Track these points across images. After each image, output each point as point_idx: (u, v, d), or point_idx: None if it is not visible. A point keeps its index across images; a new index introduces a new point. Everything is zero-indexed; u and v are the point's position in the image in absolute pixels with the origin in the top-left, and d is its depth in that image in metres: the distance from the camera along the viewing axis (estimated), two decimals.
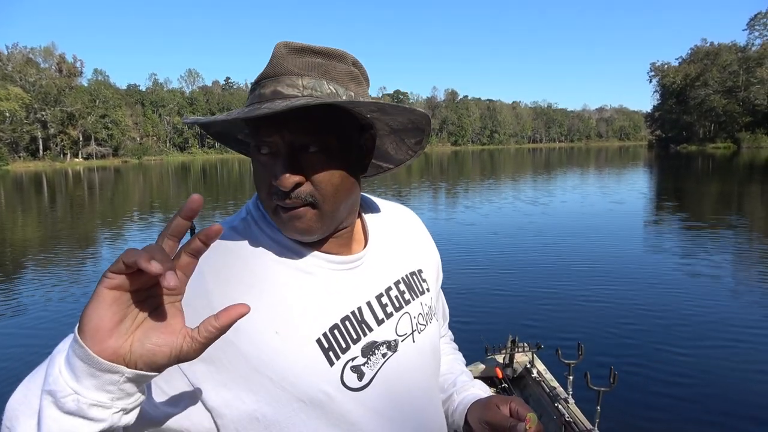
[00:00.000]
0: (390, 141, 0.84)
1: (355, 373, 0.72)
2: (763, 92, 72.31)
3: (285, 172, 0.66)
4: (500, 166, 44.09)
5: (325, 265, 0.75)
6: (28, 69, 67.66)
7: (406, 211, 0.98)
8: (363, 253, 0.80)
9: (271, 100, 0.66)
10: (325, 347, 0.70)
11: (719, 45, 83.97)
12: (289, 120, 0.66)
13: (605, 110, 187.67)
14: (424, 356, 0.84)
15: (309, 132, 0.67)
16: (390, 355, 0.77)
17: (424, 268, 0.91)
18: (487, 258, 8.27)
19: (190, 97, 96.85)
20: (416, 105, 71.06)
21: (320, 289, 0.73)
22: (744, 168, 32.59)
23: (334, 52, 0.71)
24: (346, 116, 0.71)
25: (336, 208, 0.71)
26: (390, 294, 0.81)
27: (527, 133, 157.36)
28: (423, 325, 0.85)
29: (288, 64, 0.68)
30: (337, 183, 0.70)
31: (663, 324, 5.15)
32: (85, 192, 27.53)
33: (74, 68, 76.86)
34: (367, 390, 0.73)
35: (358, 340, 0.74)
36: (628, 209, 13.84)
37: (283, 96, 0.66)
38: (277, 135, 0.67)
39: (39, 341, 5.38)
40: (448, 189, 21.93)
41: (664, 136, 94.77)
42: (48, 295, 6.99)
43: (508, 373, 3.01)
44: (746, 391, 3.83)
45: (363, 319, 0.76)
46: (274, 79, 0.67)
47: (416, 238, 0.94)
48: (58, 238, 12.39)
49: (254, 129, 0.69)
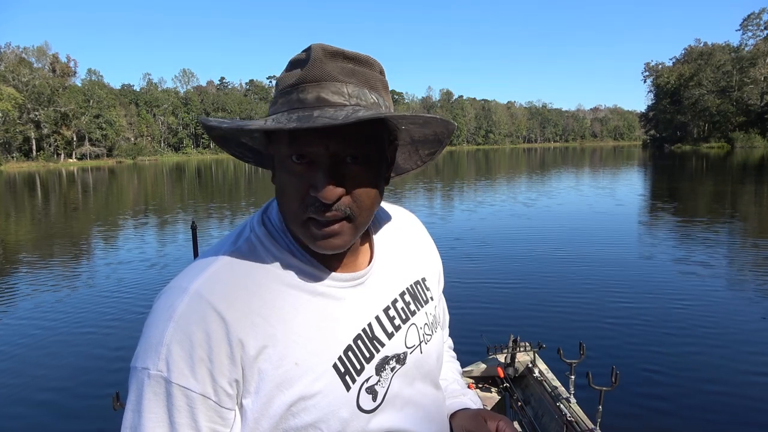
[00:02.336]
0: (403, 151, 0.81)
1: (370, 395, 0.72)
2: (756, 92, 72.76)
3: (329, 183, 0.63)
4: (496, 166, 44.18)
5: (335, 284, 0.73)
6: (21, 69, 67.10)
7: (408, 215, 0.96)
8: (370, 267, 0.78)
9: (318, 107, 0.63)
10: (342, 372, 0.69)
11: (713, 45, 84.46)
12: (337, 130, 0.63)
13: (600, 110, 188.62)
14: (431, 366, 0.83)
15: (354, 143, 0.64)
16: (398, 368, 0.76)
17: (427, 276, 0.89)
18: (487, 258, 8.26)
19: (184, 97, 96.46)
20: (412, 105, 71.39)
21: (332, 311, 0.71)
22: (738, 167, 32.78)
23: (364, 59, 0.68)
24: (382, 127, 0.69)
25: (368, 220, 0.70)
26: (396, 306, 0.79)
27: (522, 133, 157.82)
28: (429, 335, 0.84)
29: (329, 69, 0.64)
30: (374, 195, 0.69)
31: (664, 324, 5.15)
32: (79, 193, 27.37)
33: (68, 68, 76.48)
34: (379, 410, 0.72)
35: (371, 358, 0.73)
36: (626, 209, 13.89)
37: (330, 104, 0.63)
38: (321, 145, 0.63)
39: (32, 341, 5.32)
40: (446, 190, 21.94)
41: (659, 135, 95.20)
42: (42, 297, 6.93)
43: (509, 373, 2.99)
44: (748, 391, 3.83)
45: (374, 336, 0.74)
46: (316, 84, 0.64)
47: (419, 244, 0.92)
48: (52, 239, 12.30)
49: (290, 137, 0.65)
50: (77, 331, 5.60)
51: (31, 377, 4.51)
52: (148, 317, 0.67)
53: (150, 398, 0.63)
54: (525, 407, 2.79)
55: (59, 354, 4.98)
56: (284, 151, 0.66)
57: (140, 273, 8.13)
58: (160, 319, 0.65)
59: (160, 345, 0.63)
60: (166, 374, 0.62)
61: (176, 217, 15.24)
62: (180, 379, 0.62)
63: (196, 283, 0.66)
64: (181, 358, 0.62)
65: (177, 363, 0.62)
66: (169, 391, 0.63)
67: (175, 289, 0.67)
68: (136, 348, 0.67)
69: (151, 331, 0.65)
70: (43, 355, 4.98)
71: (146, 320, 0.67)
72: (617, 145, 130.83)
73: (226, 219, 14.29)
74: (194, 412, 0.63)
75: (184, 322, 0.63)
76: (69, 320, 5.91)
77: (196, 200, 20.82)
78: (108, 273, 8.18)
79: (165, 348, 0.63)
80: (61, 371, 4.59)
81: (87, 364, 4.73)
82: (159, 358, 0.63)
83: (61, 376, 4.49)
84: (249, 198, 21.25)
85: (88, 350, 5.08)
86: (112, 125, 75.58)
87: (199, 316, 0.63)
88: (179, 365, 0.62)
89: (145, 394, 0.63)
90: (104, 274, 8.11)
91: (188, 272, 0.69)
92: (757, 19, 78.69)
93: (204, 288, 0.66)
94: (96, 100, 74.26)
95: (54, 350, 5.09)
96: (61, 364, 4.75)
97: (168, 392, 0.63)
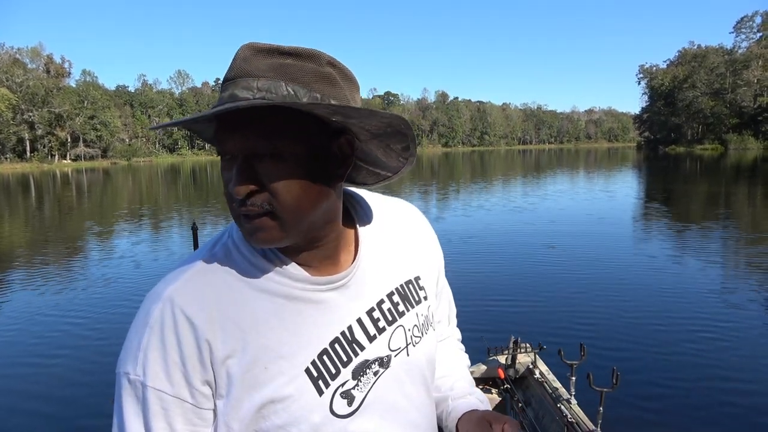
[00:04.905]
0: (375, 146, 0.75)
1: (345, 399, 0.70)
2: (749, 94, 73.25)
3: (237, 178, 0.64)
4: (492, 167, 44.27)
5: (312, 287, 0.71)
6: (15, 69, 66.66)
7: (407, 207, 0.91)
8: (352, 268, 0.75)
9: (223, 104, 0.62)
10: (314, 376, 0.69)
11: (706, 48, 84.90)
12: (243, 125, 0.63)
13: (594, 112, 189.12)
14: (419, 369, 0.80)
15: (263, 137, 0.63)
16: (382, 372, 0.74)
17: (423, 273, 0.86)
18: (488, 259, 8.28)
19: (179, 98, 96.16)
20: (407, 106, 71.05)
21: (309, 314, 0.70)
22: (732, 169, 32.97)
23: (305, 52, 0.66)
24: (313, 120, 0.66)
25: (299, 218, 0.67)
26: (383, 307, 0.77)
27: (517, 134, 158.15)
28: (418, 337, 0.80)
29: (248, 66, 0.64)
30: (297, 192, 0.65)
31: (665, 324, 5.17)
32: (74, 194, 27.24)
33: (62, 69, 76.13)
34: (356, 415, 0.71)
35: (349, 362, 0.71)
36: (624, 211, 13.96)
37: (238, 99, 0.62)
38: (230, 141, 0.64)
39: (25, 341, 5.28)
40: (444, 191, 21.96)
41: (653, 137, 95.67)
42: (36, 299, 6.89)
43: (510, 374, 2.98)
44: (748, 391, 3.85)
45: (354, 339, 0.73)
46: (232, 82, 0.64)
47: (416, 240, 0.87)
48: (46, 240, 12.23)
49: (216, 135, 0.67)
50: (77, 331, 5.57)
51: (32, 377, 4.48)
52: (131, 325, 0.70)
53: (129, 401, 0.66)
54: (526, 408, 2.79)
55: (57, 356, 4.95)
56: (216, 149, 0.68)
57: (138, 273, 8.09)
58: (138, 325, 0.68)
59: (138, 350, 0.66)
60: (143, 378, 0.65)
61: (171, 220, 15.19)
62: (155, 383, 0.65)
63: (170, 289, 0.68)
64: (156, 362, 0.65)
65: (153, 367, 0.65)
66: (145, 395, 0.65)
67: (153, 296, 0.69)
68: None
69: (131, 336, 0.68)
70: (43, 355, 4.95)
71: (130, 327, 0.70)
72: (612, 147, 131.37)
73: (224, 219, 14.24)
74: (168, 414, 0.65)
75: (158, 328, 0.65)
76: (67, 321, 5.88)
77: (191, 202, 20.73)
78: (102, 274, 8.14)
79: (142, 353, 0.65)
80: (60, 373, 4.56)
81: (87, 364, 4.71)
82: (137, 363, 0.65)
83: (61, 377, 4.47)
84: None
85: (88, 350, 5.05)
86: (107, 126, 75.17)
87: (170, 321, 0.65)
88: (155, 369, 0.65)
89: (125, 397, 0.66)
90: (99, 276, 8.06)
91: (167, 278, 0.71)
92: (750, 22, 79.36)
93: (177, 294, 0.67)
94: (90, 101, 73.83)
95: (53, 352, 5.05)
96: (60, 365, 4.72)
97: (144, 396, 0.65)
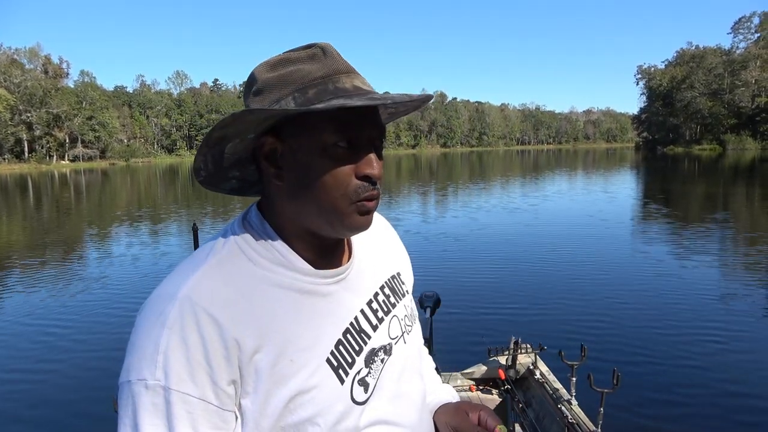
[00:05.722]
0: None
1: (362, 386, 0.73)
2: (747, 95, 73.39)
3: (379, 162, 0.70)
4: (491, 168, 44.29)
5: (320, 281, 0.74)
6: (13, 70, 66.40)
7: (376, 215, 0.97)
8: (350, 263, 0.80)
9: (364, 93, 0.67)
10: (335, 366, 0.71)
11: (704, 48, 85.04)
12: (377, 114, 0.71)
13: (593, 112, 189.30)
14: (414, 357, 0.86)
15: (382, 126, 0.73)
16: (387, 359, 0.78)
17: (401, 270, 0.93)
18: (488, 260, 8.29)
19: (178, 98, 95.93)
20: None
21: (320, 307, 0.73)
22: (730, 169, 33.02)
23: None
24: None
25: None
26: (378, 299, 0.82)
27: (516, 135, 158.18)
28: (410, 327, 0.86)
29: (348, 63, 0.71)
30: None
31: (665, 325, 5.18)
32: (72, 195, 27.20)
33: (60, 69, 75.95)
34: (370, 401, 0.74)
35: (361, 351, 0.75)
36: (624, 211, 14.01)
37: (365, 91, 0.68)
38: (369, 128, 0.69)
39: (21, 344, 5.28)
40: (443, 191, 21.95)
41: (651, 138, 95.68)
42: (35, 301, 6.88)
43: (510, 375, 2.99)
44: (749, 391, 3.86)
45: (361, 328, 0.76)
46: (347, 75, 0.69)
47: (390, 241, 0.96)
48: (44, 242, 12.21)
49: (339, 124, 0.67)
50: (75, 333, 5.56)
51: (32, 378, 4.48)
52: (135, 330, 0.66)
53: (149, 410, 0.62)
54: (526, 409, 2.79)
55: (55, 358, 4.94)
56: (328, 139, 0.67)
57: (138, 274, 8.08)
58: (152, 328, 0.64)
59: (156, 353, 0.62)
60: (164, 382, 0.61)
61: (170, 221, 15.16)
62: (179, 385, 0.61)
63: (183, 288, 0.65)
64: (180, 363, 0.62)
65: (175, 369, 0.61)
66: (168, 400, 0.62)
67: (163, 297, 0.66)
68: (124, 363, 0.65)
69: (142, 341, 0.64)
70: (42, 356, 4.95)
71: (133, 333, 0.66)
72: (610, 147, 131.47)
73: (223, 220, 14.23)
74: (194, 417, 0.62)
75: (178, 328, 0.62)
76: (61, 323, 5.86)
77: (190, 202, 20.71)
78: (101, 275, 8.13)
79: (162, 356, 0.62)
80: (59, 373, 4.56)
81: (86, 364, 4.71)
82: (156, 367, 0.62)
83: (59, 379, 4.46)
84: (246, 200, 21.15)
85: (87, 352, 5.05)
86: (105, 127, 74.93)
87: (191, 320, 0.63)
88: (178, 371, 0.61)
89: (144, 405, 0.62)
90: (97, 277, 8.05)
91: (173, 279, 0.68)
92: (748, 23, 79.53)
93: (192, 292, 0.65)
94: (89, 102, 73.59)
95: (51, 354, 5.05)
96: (59, 367, 4.72)
97: (167, 401, 0.62)
